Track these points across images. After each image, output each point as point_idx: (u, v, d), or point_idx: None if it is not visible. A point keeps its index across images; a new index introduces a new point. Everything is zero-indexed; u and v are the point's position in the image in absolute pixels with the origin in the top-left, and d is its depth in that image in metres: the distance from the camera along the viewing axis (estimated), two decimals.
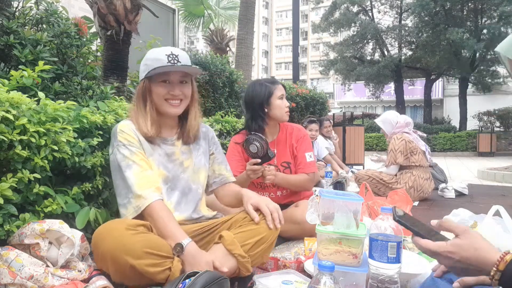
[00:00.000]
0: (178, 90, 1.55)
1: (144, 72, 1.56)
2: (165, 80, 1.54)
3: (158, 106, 1.56)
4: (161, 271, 1.26)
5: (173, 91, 1.54)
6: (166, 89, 1.53)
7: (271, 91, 2.21)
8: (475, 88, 17.08)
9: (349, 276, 1.26)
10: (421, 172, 3.66)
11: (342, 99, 26.82)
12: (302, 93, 6.65)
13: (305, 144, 2.28)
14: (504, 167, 6.90)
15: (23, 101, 1.35)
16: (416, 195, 3.62)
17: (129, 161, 1.46)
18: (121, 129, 1.52)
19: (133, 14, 3.06)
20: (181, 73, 1.56)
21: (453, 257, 0.86)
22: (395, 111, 4.10)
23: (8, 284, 1.14)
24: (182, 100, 1.58)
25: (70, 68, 2.31)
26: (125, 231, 1.25)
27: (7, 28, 2.02)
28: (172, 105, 1.55)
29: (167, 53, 1.52)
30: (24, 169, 1.32)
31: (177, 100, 1.56)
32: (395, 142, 3.69)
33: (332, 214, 1.32)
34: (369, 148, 14.36)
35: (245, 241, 1.44)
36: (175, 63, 1.52)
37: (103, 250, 1.24)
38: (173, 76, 1.55)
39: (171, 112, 1.57)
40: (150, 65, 1.53)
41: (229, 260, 1.39)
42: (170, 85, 1.54)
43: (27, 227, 1.25)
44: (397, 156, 3.64)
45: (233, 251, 1.39)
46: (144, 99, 1.56)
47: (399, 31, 16.80)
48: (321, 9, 25.10)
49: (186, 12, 8.77)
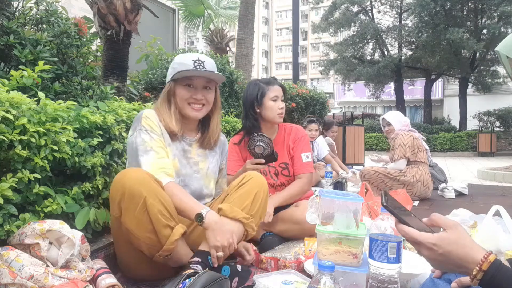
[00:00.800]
0: (201, 95, 1.61)
1: (170, 75, 1.62)
2: (189, 84, 1.60)
3: (181, 108, 1.62)
4: (165, 224, 1.34)
5: (196, 95, 1.60)
6: (190, 93, 1.60)
7: (264, 92, 2.19)
8: (475, 88, 17.09)
9: (349, 276, 1.26)
10: (426, 168, 3.75)
11: (342, 99, 26.82)
12: (302, 93, 6.65)
13: (301, 145, 2.26)
14: (504, 167, 6.90)
15: (23, 101, 1.35)
16: (422, 190, 3.68)
17: (148, 147, 1.50)
18: (146, 115, 1.56)
19: (133, 14, 3.06)
20: (205, 79, 1.62)
21: (436, 249, 0.85)
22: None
23: (8, 284, 1.14)
24: (204, 105, 1.63)
25: (70, 68, 2.31)
26: (148, 175, 1.35)
27: (7, 28, 2.02)
28: (194, 108, 1.61)
29: (194, 58, 1.59)
30: (24, 169, 1.32)
31: (199, 105, 1.61)
32: (404, 137, 3.72)
33: (332, 214, 1.32)
34: (369, 148, 14.37)
35: (242, 204, 1.52)
36: (200, 68, 1.57)
37: (123, 183, 1.31)
38: (197, 81, 1.61)
39: (192, 115, 1.62)
40: (176, 68, 1.59)
41: (234, 226, 1.46)
42: (193, 89, 1.60)
43: (27, 227, 1.25)
44: (407, 151, 3.68)
45: (236, 217, 1.47)
46: (169, 101, 1.62)
47: (399, 31, 16.81)
48: (321, 9, 25.10)
49: (186, 12, 8.77)
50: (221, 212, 1.47)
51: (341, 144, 6.50)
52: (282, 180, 2.29)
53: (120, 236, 1.47)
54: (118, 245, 1.54)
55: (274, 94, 2.19)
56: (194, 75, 1.58)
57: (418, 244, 0.88)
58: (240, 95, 5.05)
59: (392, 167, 3.79)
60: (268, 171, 2.30)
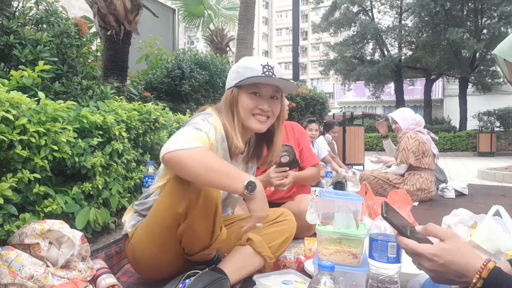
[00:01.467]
0: (268, 106, 1.41)
1: (234, 80, 1.43)
2: (256, 92, 1.41)
3: (243, 119, 1.42)
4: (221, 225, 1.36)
5: (262, 105, 1.41)
6: (255, 103, 1.41)
7: None
8: (475, 88, 17.09)
9: (349, 276, 1.26)
10: (428, 175, 3.61)
11: (342, 99, 26.83)
12: (302, 93, 6.65)
13: (306, 137, 2.43)
14: (504, 167, 6.91)
15: (23, 101, 1.35)
16: (423, 196, 3.59)
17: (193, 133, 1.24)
18: (212, 123, 1.35)
19: (133, 14, 3.06)
20: (274, 87, 1.44)
21: (437, 260, 0.85)
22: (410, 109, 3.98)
23: (8, 284, 1.14)
24: (269, 117, 1.44)
25: (70, 68, 2.32)
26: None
27: (7, 28, 2.02)
28: (259, 120, 1.42)
29: (262, 63, 1.40)
30: (24, 169, 1.32)
31: (264, 116, 1.43)
32: (408, 141, 3.58)
33: (332, 214, 1.32)
34: (369, 148, 14.37)
35: (271, 242, 1.51)
36: (270, 75, 1.39)
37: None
38: (265, 89, 1.42)
39: (255, 128, 1.43)
40: (242, 73, 1.40)
41: (256, 259, 1.47)
42: (260, 99, 1.42)
43: (27, 227, 1.25)
44: (409, 156, 3.55)
45: (263, 253, 1.46)
46: (231, 110, 1.43)
47: (399, 31, 16.81)
48: (321, 9, 25.06)
49: (186, 12, 8.76)
50: (250, 242, 1.47)
51: (341, 144, 6.50)
52: None
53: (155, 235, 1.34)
54: (147, 245, 1.37)
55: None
56: (265, 82, 1.40)
57: (418, 255, 0.88)
58: None
59: (392, 171, 3.70)
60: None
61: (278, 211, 1.62)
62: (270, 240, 1.52)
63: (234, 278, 1.41)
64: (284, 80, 1.40)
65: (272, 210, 1.62)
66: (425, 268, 0.88)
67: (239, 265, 1.44)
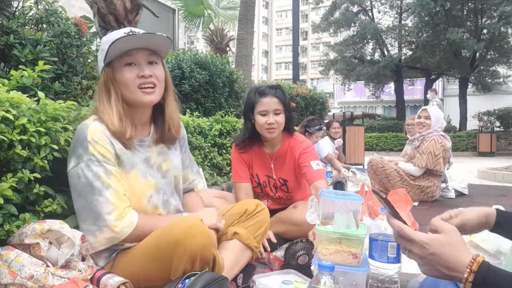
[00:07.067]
0: (148, 70, 1.30)
1: (102, 60, 1.31)
2: (130, 62, 1.30)
3: (129, 96, 1.31)
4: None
5: (143, 71, 1.29)
6: (134, 73, 1.29)
7: (254, 104, 2.05)
8: (475, 88, 17.09)
9: (349, 276, 1.26)
10: (437, 180, 3.59)
11: (342, 99, 26.84)
12: (302, 93, 6.66)
13: (309, 156, 2.11)
14: (504, 167, 6.91)
15: (23, 101, 1.35)
16: (424, 198, 3.58)
17: (105, 184, 1.24)
18: (92, 138, 1.25)
19: (133, 14, 3.06)
20: (147, 51, 1.32)
21: (428, 248, 0.85)
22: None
23: (8, 284, 1.14)
24: (156, 85, 1.33)
25: (70, 68, 2.31)
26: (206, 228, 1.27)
27: (7, 28, 2.02)
28: (146, 92, 1.30)
29: (125, 31, 1.29)
30: (24, 169, 1.32)
31: (150, 85, 1.31)
32: (436, 145, 3.43)
33: (332, 214, 1.32)
34: (369, 148, 14.36)
35: (255, 233, 1.56)
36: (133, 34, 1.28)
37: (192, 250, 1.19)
38: (139, 55, 1.30)
39: (145, 101, 1.32)
40: (106, 48, 1.26)
41: (246, 252, 1.51)
42: (137, 67, 1.30)
43: (27, 227, 1.25)
44: (434, 163, 3.39)
45: (250, 245, 1.51)
46: (108, 93, 1.30)
47: (399, 31, 16.80)
48: (321, 9, 25.11)
49: (186, 12, 8.77)
50: (237, 236, 1.49)
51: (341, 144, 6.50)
52: (280, 194, 2.25)
53: (154, 259, 1.27)
54: (146, 264, 1.31)
55: (263, 108, 2.02)
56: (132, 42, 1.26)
57: (410, 241, 0.88)
58: (240, 95, 5.05)
59: (406, 168, 3.56)
60: (268, 182, 2.23)
61: (253, 203, 1.63)
62: (254, 231, 1.56)
63: (231, 275, 1.41)
64: (151, 34, 1.27)
65: (246, 202, 1.67)
66: (415, 255, 0.88)
67: (233, 261, 1.44)
